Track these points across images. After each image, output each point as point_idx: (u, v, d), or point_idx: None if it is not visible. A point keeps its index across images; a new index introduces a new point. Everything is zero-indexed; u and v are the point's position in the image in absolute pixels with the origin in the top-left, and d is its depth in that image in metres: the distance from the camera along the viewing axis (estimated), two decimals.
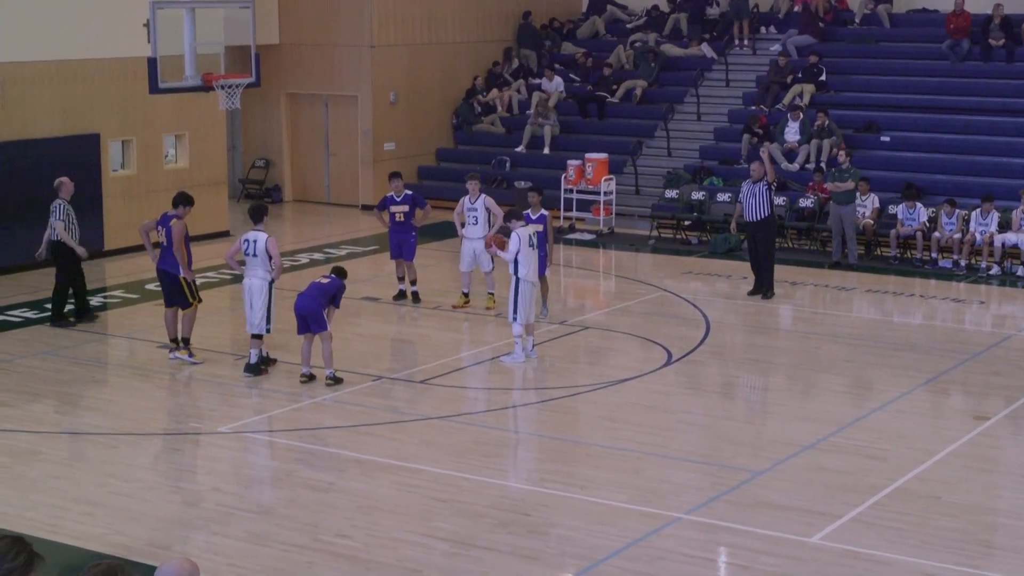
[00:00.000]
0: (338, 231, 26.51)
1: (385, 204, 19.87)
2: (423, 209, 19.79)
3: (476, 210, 19.19)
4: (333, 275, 15.69)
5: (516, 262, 16.34)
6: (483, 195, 19.30)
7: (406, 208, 19.62)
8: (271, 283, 15.81)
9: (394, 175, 19.99)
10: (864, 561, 10.68)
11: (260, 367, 15.85)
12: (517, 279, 16.36)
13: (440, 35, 29.91)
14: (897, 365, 16.85)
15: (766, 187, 20.09)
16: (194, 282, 16.49)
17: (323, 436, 13.96)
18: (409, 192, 19.89)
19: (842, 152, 23.70)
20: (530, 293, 16.51)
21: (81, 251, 18.09)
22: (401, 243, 19.61)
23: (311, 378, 15.55)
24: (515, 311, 16.38)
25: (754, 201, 20.08)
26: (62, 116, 22.42)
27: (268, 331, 15.86)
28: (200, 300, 16.60)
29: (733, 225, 21.59)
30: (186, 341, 16.44)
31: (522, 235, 16.42)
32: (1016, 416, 14.74)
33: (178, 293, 16.38)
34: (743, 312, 19.78)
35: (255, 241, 15.72)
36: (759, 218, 20.12)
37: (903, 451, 13.40)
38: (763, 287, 20.24)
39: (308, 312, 15.31)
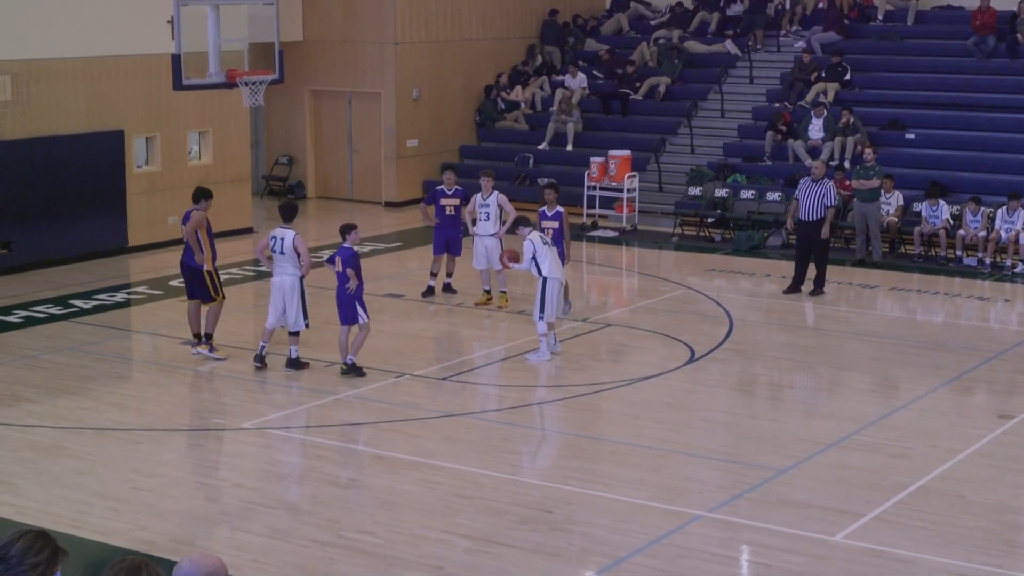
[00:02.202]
0: (361, 228, 26.29)
1: (435, 197, 19.82)
2: (468, 203, 19.79)
3: (488, 206, 19.18)
4: (341, 248, 15.66)
5: (537, 264, 16.36)
6: (496, 192, 19.29)
7: (457, 202, 19.61)
8: (301, 279, 15.86)
9: (448, 167, 20.05)
10: (888, 560, 10.64)
11: (300, 361, 15.90)
12: (544, 279, 16.37)
13: (463, 32, 29.90)
14: (921, 363, 16.78)
15: (827, 187, 19.97)
16: (217, 275, 16.51)
17: (346, 432, 13.98)
18: (459, 187, 19.90)
19: (868, 149, 23.60)
20: (558, 290, 16.52)
21: None
22: (450, 238, 19.60)
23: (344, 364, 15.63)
24: (541, 309, 16.38)
25: (813, 200, 19.94)
26: (87, 112, 22.50)
27: (306, 326, 15.92)
28: (223, 296, 16.63)
29: (789, 222, 21.17)
30: (209, 336, 16.47)
31: (534, 239, 16.47)
32: None
33: (200, 286, 16.40)
34: (766, 310, 19.73)
35: (283, 239, 15.76)
36: (815, 218, 19.97)
37: (927, 449, 13.35)
38: (816, 285, 20.14)
39: (343, 300, 15.47)
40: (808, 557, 10.70)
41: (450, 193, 19.65)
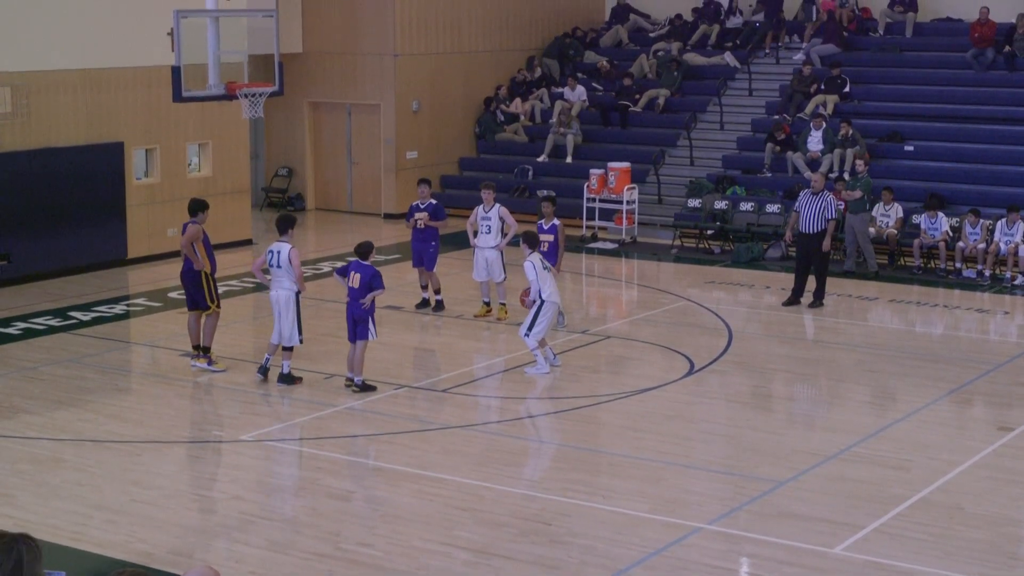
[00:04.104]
0: (360, 240, 26.45)
1: (411, 211, 19.89)
2: (439, 220, 19.67)
3: (490, 219, 19.17)
4: (357, 264, 15.65)
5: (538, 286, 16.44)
6: (497, 204, 19.28)
7: (426, 216, 19.59)
8: (297, 294, 15.82)
9: (421, 181, 19.99)
10: (887, 572, 10.62)
11: (292, 377, 15.85)
12: (542, 300, 16.38)
13: (463, 44, 29.95)
14: (920, 375, 16.78)
15: (827, 200, 19.93)
16: (215, 284, 16.49)
17: (345, 445, 13.97)
18: (433, 201, 19.87)
19: (860, 161, 23.60)
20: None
21: None
22: (421, 251, 19.60)
23: (353, 383, 15.60)
24: (529, 327, 16.37)
25: (813, 213, 19.91)
26: (86, 125, 22.51)
27: (300, 342, 15.86)
28: (219, 306, 16.59)
29: (788, 234, 21.20)
30: (206, 349, 16.46)
31: (534, 261, 16.50)
32: None
33: (198, 292, 16.38)
34: (766, 322, 19.73)
35: (279, 252, 15.73)
36: (815, 230, 19.94)
37: (926, 462, 13.34)
38: (816, 297, 20.12)
39: (358, 316, 15.37)
40: (808, 569, 10.68)
41: (423, 207, 19.65)
